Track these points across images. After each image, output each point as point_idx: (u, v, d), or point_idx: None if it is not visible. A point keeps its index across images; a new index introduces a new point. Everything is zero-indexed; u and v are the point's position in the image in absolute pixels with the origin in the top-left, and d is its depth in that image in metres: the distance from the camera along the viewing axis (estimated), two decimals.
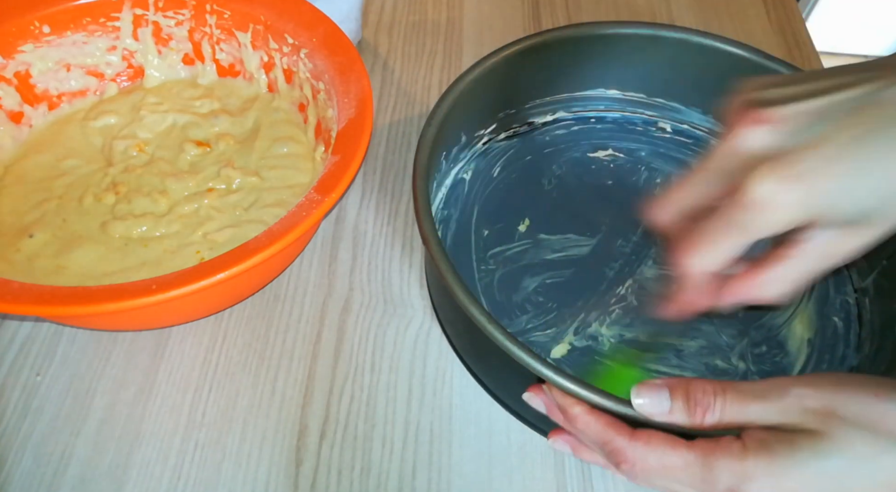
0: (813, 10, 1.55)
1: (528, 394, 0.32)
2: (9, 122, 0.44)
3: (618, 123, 0.50)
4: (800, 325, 0.41)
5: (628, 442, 0.28)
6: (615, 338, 0.40)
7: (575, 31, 0.44)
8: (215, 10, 0.46)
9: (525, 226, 0.44)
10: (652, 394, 0.28)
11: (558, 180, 0.46)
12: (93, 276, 0.38)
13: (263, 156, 0.45)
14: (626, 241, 0.44)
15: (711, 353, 0.40)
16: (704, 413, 0.27)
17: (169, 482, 0.36)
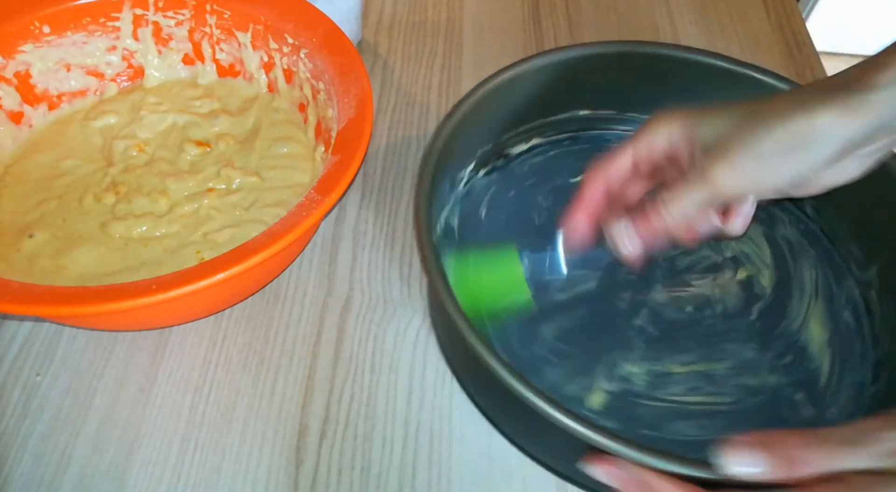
0: (813, 10, 1.55)
1: (596, 469, 0.30)
2: (9, 122, 0.44)
3: (593, 141, 0.48)
4: (815, 326, 0.41)
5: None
6: (647, 375, 0.38)
7: (546, 60, 0.42)
8: (215, 10, 0.46)
9: (528, 269, 0.41)
10: (744, 459, 0.26)
11: (548, 213, 0.44)
12: (93, 276, 0.38)
13: (263, 156, 0.45)
14: (630, 267, 0.42)
15: (741, 372, 0.39)
16: (794, 467, 0.26)
17: (169, 482, 0.36)
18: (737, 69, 0.43)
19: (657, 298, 0.42)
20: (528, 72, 0.42)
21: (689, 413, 0.37)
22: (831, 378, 0.39)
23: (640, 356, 0.39)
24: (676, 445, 0.36)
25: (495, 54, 0.58)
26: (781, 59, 0.58)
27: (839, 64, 1.85)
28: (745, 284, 0.42)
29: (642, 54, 0.44)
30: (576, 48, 0.43)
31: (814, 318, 0.41)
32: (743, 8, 0.63)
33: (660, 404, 0.37)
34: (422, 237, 0.34)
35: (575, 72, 0.44)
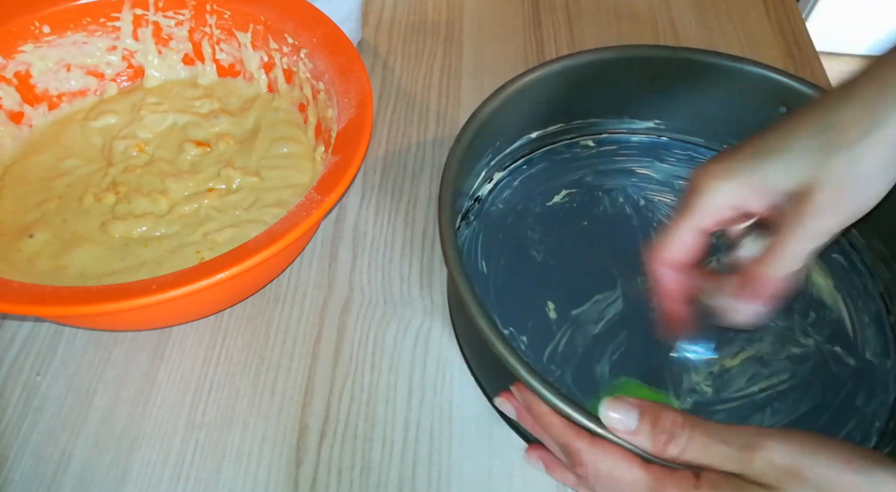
0: (813, 10, 1.55)
1: (499, 399, 0.32)
2: (9, 122, 0.44)
3: (547, 158, 0.48)
4: (818, 278, 0.43)
5: (587, 445, 0.28)
6: (708, 379, 0.39)
7: (495, 103, 0.41)
8: (215, 10, 0.46)
9: (553, 309, 0.41)
10: (623, 410, 0.28)
11: (544, 246, 0.44)
12: (93, 276, 0.38)
13: (263, 156, 0.45)
14: (643, 276, 0.42)
15: (783, 345, 0.40)
16: (668, 443, 0.27)
17: (169, 482, 0.36)
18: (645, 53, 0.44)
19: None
20: (486, 114, 0.41)
21: (760, 403, 0.38)
22: (853, 321, 0.42)
23: (696, 365, 0.39)
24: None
25: (495, 54, 0.58)
26: (781, 59, 0.58)
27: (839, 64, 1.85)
28: None
29: (579, 64, 0.44)
30: (517, 79, 0.42)
31: (814, 271, 0.43)
32: (743, 8, 0.63)
33: (733, 405, 0.38)
34: (445, 236, 0.35)
35: (523, 98, 0.43)
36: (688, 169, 0.48)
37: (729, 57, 0.44)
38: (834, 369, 0.40)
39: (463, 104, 0.54)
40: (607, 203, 0.46)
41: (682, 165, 0.48)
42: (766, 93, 0.44)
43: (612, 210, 0.46)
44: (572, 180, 0.47)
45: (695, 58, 0.44)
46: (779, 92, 0.43)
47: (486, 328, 0.31)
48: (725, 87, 0.45)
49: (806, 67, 0.58)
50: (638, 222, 0.45)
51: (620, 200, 0.46)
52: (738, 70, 0.44)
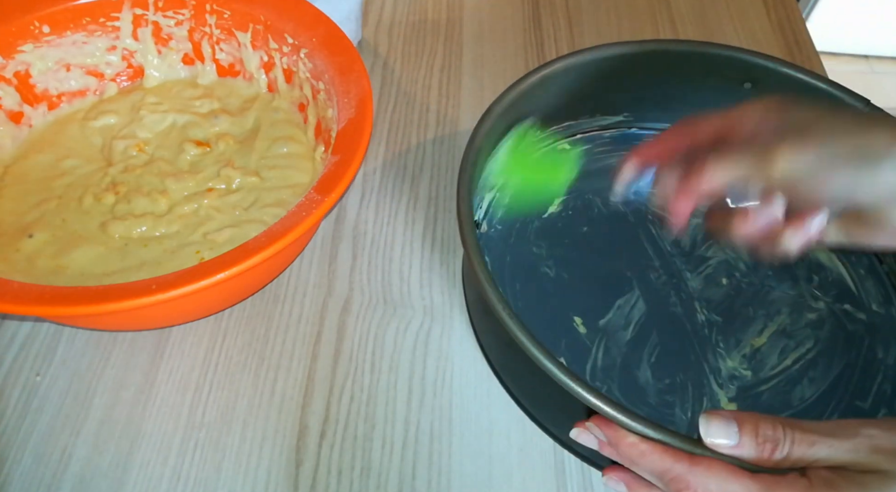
0: (813, 10, 1.55)
1: (575, 431, 0.31)
2: (9, 122, 0.44)
3: None
4: None
5: (689, 468, 0.27)
6: (743, 361, 0.40)
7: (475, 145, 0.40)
8: (215, 9, 0.46)
9: (581, 324, 0.41)
10: (721, 426, 0.27)
11: (553, 260, 0.43)
12: (93, 276, 0.38)
13: (263, 156, 0.45)
14: (656, 271, 0.43)
15: (800, 313, 0.42)
16: (774, 449, 0.26)
17: (169, 482, 0.36)
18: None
19: (695, 286, 0.43)
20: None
21: (797, 375, 0.39)
22: (852, 277, 0.43)
23: (726, 349, 0.40)
24: (808, 411, 0.38)
25: (495, 54, 0.58)
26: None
27: (839, 64, 1.85)
28: None
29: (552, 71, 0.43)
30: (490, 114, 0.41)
31: None
32: (743, 8, 0.63)
33: (773, 382, 0.39)
34: (463, 224, 0.35)
35: (503, 115, 0.42)
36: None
37: (696, 43, 0.45)
38: (850, 327, 0.41)
39: (463, 104, 0.54)
40: (599, 204, 0.46)
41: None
42: (732, 71, 0.44)
43: (607, 210, 0.46)
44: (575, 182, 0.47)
45: (664, 48, 0.45)
46: (743, 69, 0.44)
47: (558, 370, 0.30)
48: (689, 71, 0.45)
49: (806, 67, 0.57)
50: (634, 219, 0.46)
51: (610, 197, 0.46)
52: (706, 54, 0.44)
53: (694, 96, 0.46)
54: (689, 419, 0.38)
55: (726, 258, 0.44)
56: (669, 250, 0.44)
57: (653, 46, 0.45)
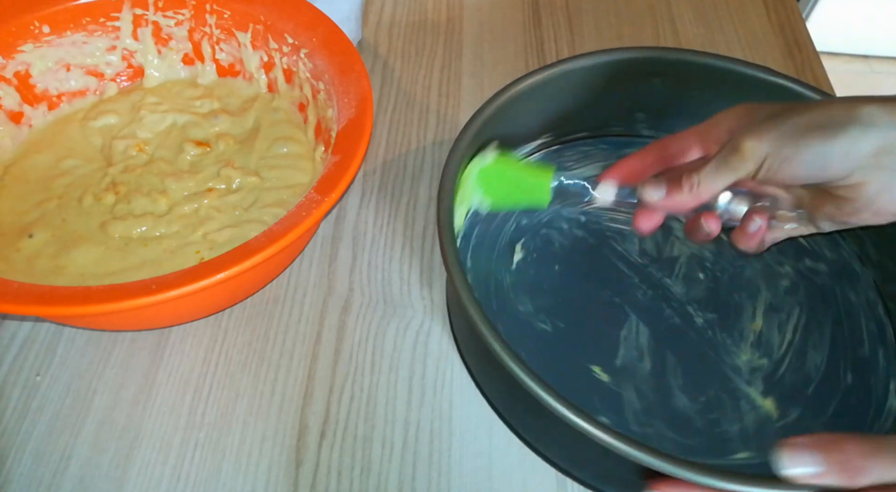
0: (813, 10, 1.56)
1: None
2: (9, 122, 0.44)
3: (470, 221, 0.44)
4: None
5: None
6: (756, 350, 0.40)
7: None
8: (215, 9, 0.46)
9: (601, 372, 0.39)
10: (803, 458, 0.26)
11: (544, 312, 0.41)
12: (93, 276, 0.38)
13: (263, 156, 0.45)
14: (639, 288, 0.42)
15: (774, 282, 0.43)
16: (859, 474, 0.25)
17: (169, 482, 0.36)
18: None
19: (679, 290, 0.43)
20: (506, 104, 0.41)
21: (800, 346, 0.41)
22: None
23: (735, 343, 0.40)
24: (828, 378, 0.39)
25: (495, 54, 0.58)
26: (781, 59, 0.58)
27: (839, 64, 1.84)
28: None
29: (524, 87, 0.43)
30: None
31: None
32: (743, 8, 0.63)
33: (786, 362, 0.40)
34: (444, 235, 0.34)
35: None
36: (589, 167, 0.48)
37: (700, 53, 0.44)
38: (818, 282, 0.43)
39: (463, 104, 0.54)
40: (557, 236, 0.44)
41: (581, 163, 0.48)
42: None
43: (567, 241, 0.44)
44: (511, 231, 0.44)
45: (656, 56, 0.44)
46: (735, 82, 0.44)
47: (628, 447, 0.28)
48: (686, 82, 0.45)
49: (806, 67, 0.58)
50: (595, 240, 0.44)
51: (564, 226, 0.45)
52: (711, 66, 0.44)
53: (696, 107, 0.46)
54: (738, 432, 0.37)
55: (691, 252, 0.44)
56: (641, 262, 0.43)
57: (634, 54, 0.44)
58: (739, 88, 0.44)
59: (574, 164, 0.48)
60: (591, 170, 0.48)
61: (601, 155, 0.48)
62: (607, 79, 0.44)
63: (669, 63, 0.44)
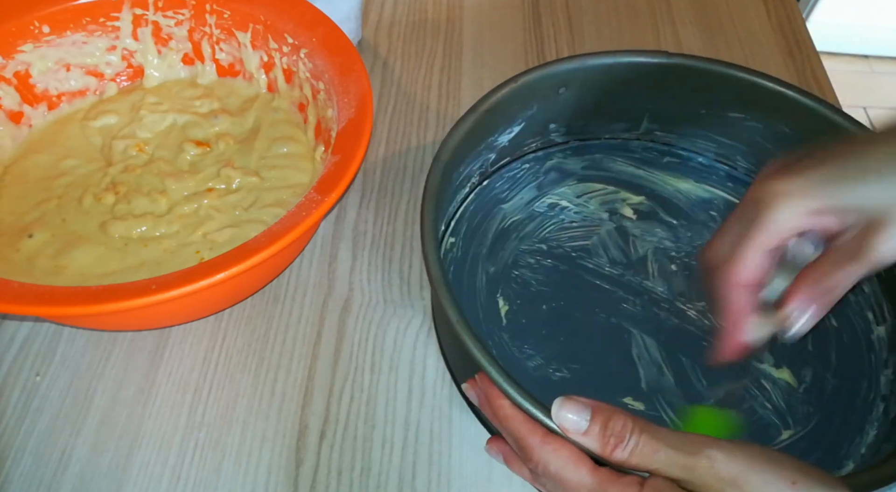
0: (813, 10, 1.56)
1: (465, 385, 0.33)
2: (9, 122, 0.44)
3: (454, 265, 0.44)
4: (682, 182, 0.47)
5: (539, 442, 0.28)
6: (771, 357, 0.40)
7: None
8: (215, 9, 0.46)
9: (633, 401, 0.38)
10: (574, 409, 0.27)
11: (554, 360, 0.39)
12: (92, 276, 0.38)
13: (263, 156, 0.45)
14: (627, 301, 0.42)
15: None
16: (616, 446, 0.26)
17: (169, 482, 0.36)
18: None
19: (662, 289, 0.42)
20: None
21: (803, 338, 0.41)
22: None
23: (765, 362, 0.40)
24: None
25: (495, 54, 0.58)
26: (781, 59, 0.58)
27: (839, 64, 1.85)
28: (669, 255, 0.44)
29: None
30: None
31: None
32: (743, 8, 0.63)
33: (802, 360, 0.40)
34: (427, 246, 0.34)
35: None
36: (532, 189, 0.46)
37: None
38: None
39: (463, 104, 0.54)
40: (529, 274, 0.43)
41: (525, 183, 0.46)
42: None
43: (541, 275, 0.43)
44: (485, 283, 0.42)
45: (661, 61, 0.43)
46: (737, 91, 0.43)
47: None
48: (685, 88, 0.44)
49: (806, 67, 0.58)
50: (565, 265, 0.43)
51: (531, 261, 0.43)
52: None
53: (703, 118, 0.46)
54: (772, 412, 0.38)
55: (653, 246, 0.44)
56: (616, 272, 0.43)
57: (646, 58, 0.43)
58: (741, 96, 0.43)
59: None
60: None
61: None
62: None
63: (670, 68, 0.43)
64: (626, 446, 0.26)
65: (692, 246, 0.44)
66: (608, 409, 0.28)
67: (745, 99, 0.43)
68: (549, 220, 0.45)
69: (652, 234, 0.45)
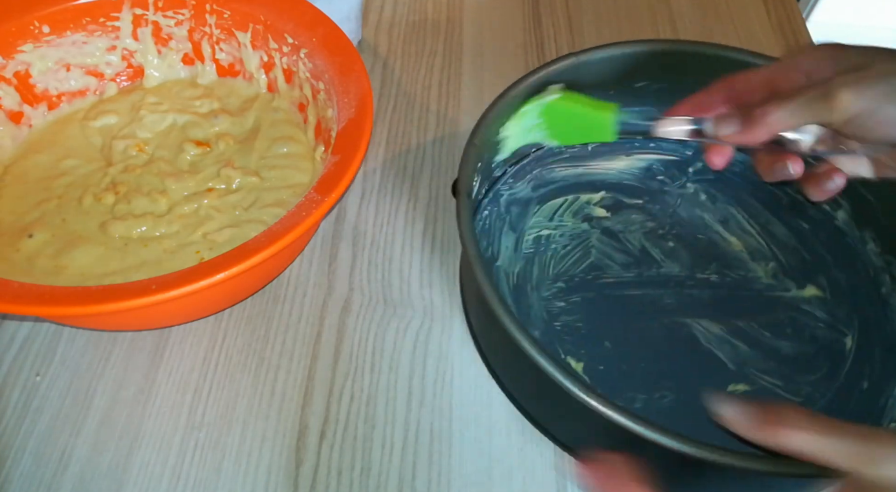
0: (813, 10, 1.56)
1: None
2: (9, 122, 0.44)
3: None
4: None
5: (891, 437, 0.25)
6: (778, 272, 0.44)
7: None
8: (215, 9, 0.46)
9: (736, 386, 0.39)
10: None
11: (649, 389, 0.39)
12: (92, 276, 0.38)
13: (263, 156, 0.45)
14: (663, 294, 0.42)
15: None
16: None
17: (169, 482, 0.36)
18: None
19: (676, 269, 0.44)
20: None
21: (773, 230, 0.46)
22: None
23: (748, 271, 0.43)
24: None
25: (495, 54, 0.58)
26: None
27: None
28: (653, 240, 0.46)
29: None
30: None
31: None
32: (743, 8, 0.63)
33: (781, 250, 0.45)
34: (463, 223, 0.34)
35: None
36: (508, 233, 0.45)
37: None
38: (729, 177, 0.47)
39: (463, 104, 0.54)
40: (571, 320, 0.41)
41: (497, 230, 0.45)
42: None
43: (583, 314, 0.41)
44: (538, 335, 0.41)
45: (672, 48, 0.44)
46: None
47: (579, 390, 0.30)
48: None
49: None
50: (591, 292, 0.42)
51: (561, 304, 0.42)
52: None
53: None
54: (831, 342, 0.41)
55: (640, 233, 0.45)
56: (633, 275, 0.43)
57: (662, 46, 0.44)
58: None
59: None
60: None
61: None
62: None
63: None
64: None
65: (667, 215, 0.46)
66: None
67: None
68: (544, 256, 0.44)
69: (631, 222, 0.46)
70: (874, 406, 0.39)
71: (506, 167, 0.47)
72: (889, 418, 0.38)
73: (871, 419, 0.38)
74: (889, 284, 0.42)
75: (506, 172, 0.47)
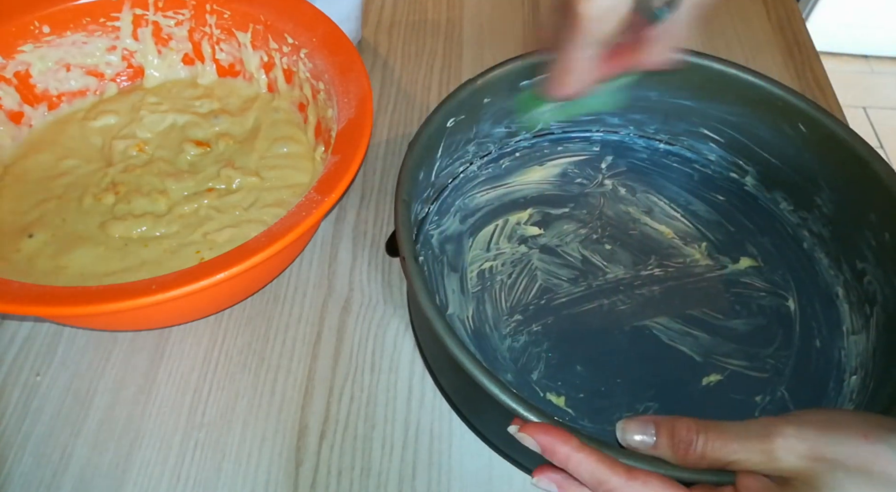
0: (813, 10, 1.56)
1: (512, 427, 0.29)
2: (9, 122, 0.44)
3: None
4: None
5: (625, 482, 0.27)
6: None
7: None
8: (215, 9, 0.46)
9: (708, 377, 0.39)
10: (638, 428, 0.29)
11: (639, 399, 0.38)
12: (93, 276, 0.38)
13: (263, 156, 0.45)
14: (617, 300, 0.42)
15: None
16: (686, 450, 0.27)
17: (169, 482, 0.36)
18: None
19: (620, 271, 0.43)
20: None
21: (700, 212, 0.47)
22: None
23: (691, 263, 0.44)
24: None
25: (495, 54, 0.58)
26: (781, 59, 0.58)
27: (839, 64, 1.84)
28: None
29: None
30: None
31: None
32: (743, 8, 0.63)
33: (725, 232, 0.46)
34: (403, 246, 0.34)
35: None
36: (450, 275, 0.43)
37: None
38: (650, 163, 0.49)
39: None
40: (541, 353, 0.40)
41: (438, 274, 0.43)
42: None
43: (550, 343, 0.40)
44: (510, 379, 0.39)
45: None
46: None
47: (488, 381, 0.29)
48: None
49: (806, 67, 0.58)
50: (550, 315, 0.41)
51: (526, 339, 0.40)
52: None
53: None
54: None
55: (577, 240, 0.45)
56: (582, 287, 0.42)
57: None
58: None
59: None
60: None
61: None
62: None
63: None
64: (695, 448, 0.27)
65: (595, 218, 0.46)
66: (668, 419, 0.28)
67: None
68: (492, 291, 0.42)
69: (565, 233, 0.45)
70: (831, 363, 0.40)
71: (427, 206, 0.45)
72: (848, 371, 0.39)
73: (835, 378, 0.39)
74: (809, 239, 0.45)
75: (429, 212, 0.45)
